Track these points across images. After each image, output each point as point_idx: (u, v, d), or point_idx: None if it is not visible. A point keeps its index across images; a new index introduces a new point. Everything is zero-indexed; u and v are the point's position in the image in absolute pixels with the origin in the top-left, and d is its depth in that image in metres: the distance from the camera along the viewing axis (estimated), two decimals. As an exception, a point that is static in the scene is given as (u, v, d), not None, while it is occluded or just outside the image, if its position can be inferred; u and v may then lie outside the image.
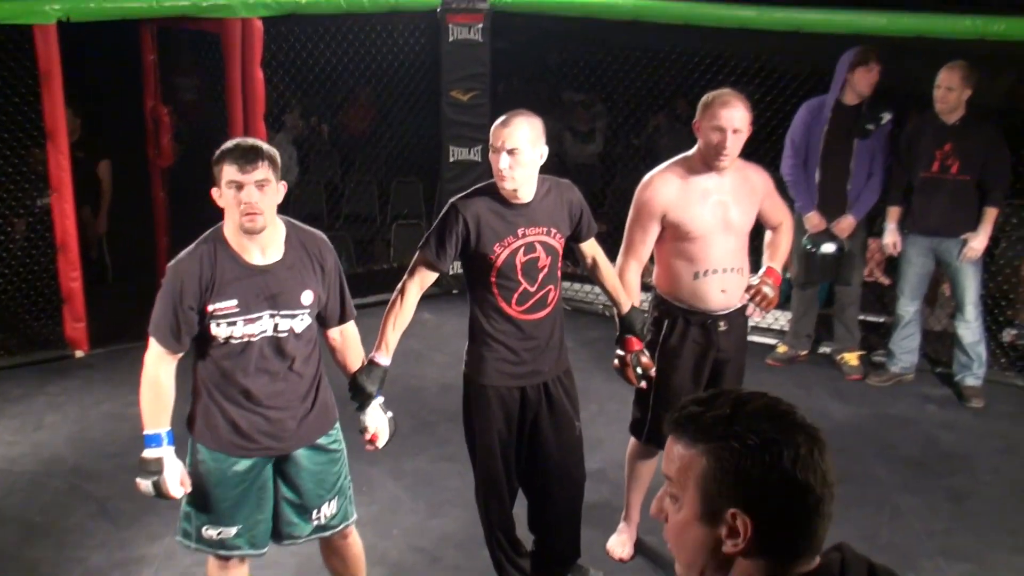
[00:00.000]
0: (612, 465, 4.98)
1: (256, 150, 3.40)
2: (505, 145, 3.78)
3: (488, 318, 3.98)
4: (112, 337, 7.00)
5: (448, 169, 7.85)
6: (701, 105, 4.18)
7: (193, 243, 3.56)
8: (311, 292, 3.58)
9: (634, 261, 4.34)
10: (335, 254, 3.71)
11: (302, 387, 3.65)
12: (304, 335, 3.61)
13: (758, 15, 6.77)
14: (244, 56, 6.82)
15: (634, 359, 4.23)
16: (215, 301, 3.44)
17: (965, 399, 6.31)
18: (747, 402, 1.67)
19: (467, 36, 7.60)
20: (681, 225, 4.21)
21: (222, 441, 3.60)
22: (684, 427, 1.68)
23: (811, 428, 1.65)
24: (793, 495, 1.61)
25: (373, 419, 3.83)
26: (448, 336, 5.86)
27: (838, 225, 6.34)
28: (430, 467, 5.42)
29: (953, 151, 6.02)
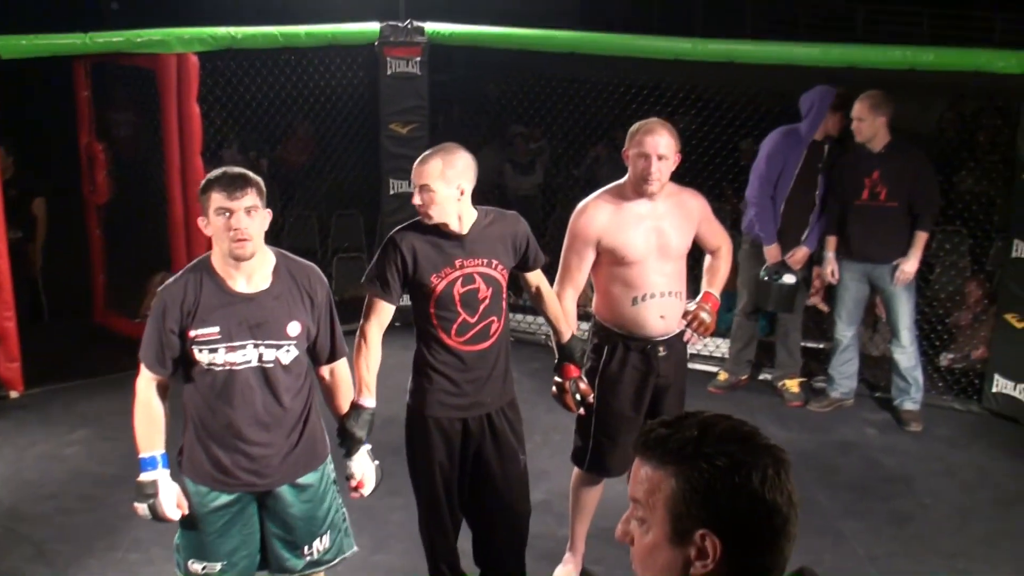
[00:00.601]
0: (557, 496, 4.97)
1: (243, 177, 3.42)
2: (417, 182, 3.84)
3: (430, 349, 3.99)
4: (48, 377, 6.88)
5: (388, 202, 7.84)
6: (629, 134, 4.27)
7: (182, 270, 3.58)
8: (298, 323, 3.55)
9: (570, 288, 4.37)
10: (327, 288, 3.70)
11: (288, 422, 3.61)
12: (292, 368, 3.58)
13: (693, 47, 6.86)
14: (180, 91, 6.78)
15: (572, 386, 4.25)
16: (197, 327, 3.44)
17: (904, 423, 6.39)
18: (714, 424, 1.69)
19: (405, 69, 7.61)
20: (616, 250, 4.25)
21: (203, 474, 3.58)
22: (652, 449, 1.70)
23: (776, 449, 1.68)
24: (761, 516, 1.62)
25: (360, 466, 3.83)
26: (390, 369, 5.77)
27: (793, 256, 6.41)
28: (373, 502, 5.32)
29: (881, 179, 6.13)
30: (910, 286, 6.26)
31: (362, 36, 7.56)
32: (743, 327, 6.86)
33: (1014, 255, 6.21)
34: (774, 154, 6.38)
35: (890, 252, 6.18)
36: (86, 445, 6.03)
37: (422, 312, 3.98)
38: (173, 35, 6.68)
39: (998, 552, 5.11)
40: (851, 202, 6.23)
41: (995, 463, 6.00)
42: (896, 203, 6.13)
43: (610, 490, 4.78)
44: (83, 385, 6.87)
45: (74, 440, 6.16)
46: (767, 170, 6.38)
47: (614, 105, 8.02)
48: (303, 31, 7.19)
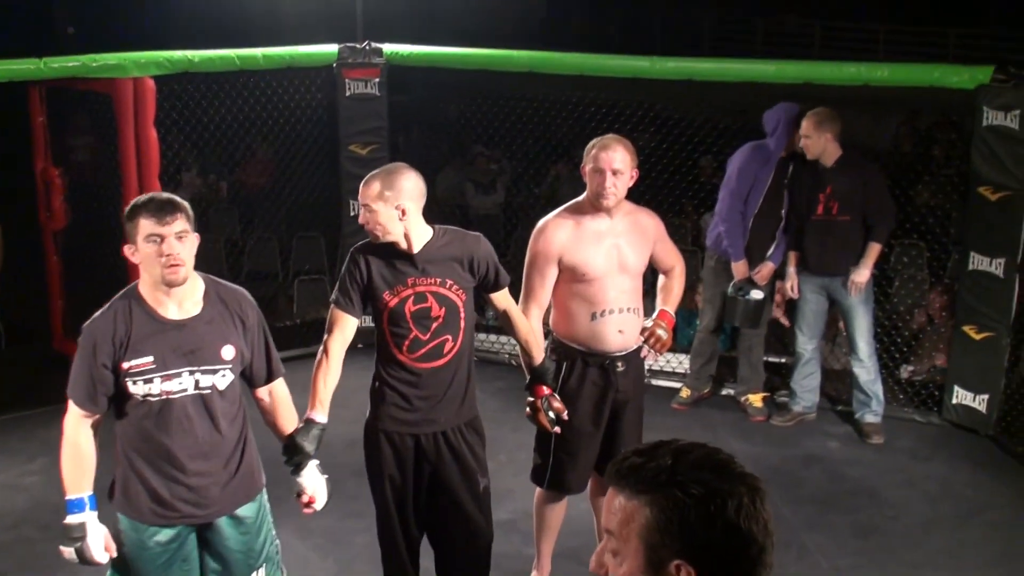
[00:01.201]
0: (522, 515, 4.96)
1: (172, 202, 3.38)
2: (359, 201, 3.92)
3: (384, 364, 4.03)
4: (6, 405, 6.80)
5: (349, 223, 7.81)
6: (585, 151, 4.32)
7: (108, 302, 3.50)
8: (232, 347, 3.52)
9: (535, 307, 4.39)
10: (258, 310, 3.67)
11: (226, 449, 3.57)
12: (228, 394, 3.54)
13: (651, 65, 6.90)
14: (137, 115, 6.73)
15: (545, 404, 4.26)
16: (130, 358, 3.38)
17: (865, 436, 6.43)
18: (688, 452, 1.67)
19: (364, 91, 7.61)
20: (577, 267, 4.28)
21: (142, 510, 3.51)
22: (626, 478, 1.68)
23: (751, 477, 1.67)
24: (737, 545, 1.61)
25: (310, 481, 3.78)
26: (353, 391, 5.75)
27: (759, 272, 6.45)
28: (338, 525, 5.33)
29: (833, 193, 6.20)
30: (867, 299, 6.32)
31: (320, 58, 7.55)
32: (705, 343, 6.88)
33: (971, 267, 6.28)
34: (744, 169, 6.40)
35: (845, 265, 6.25)
36: (46, 474, 5.94)
37: (378, 328, 4.01)
38: (129, 59, 6.64)
39: (961, 562, 5.14)
40: (807, 217, 6.31)
41: (956, 474, 6.05)
42: (849, 217, 6.20)
43: (574, 508, 4.78)
44: (42, 413, 6.76)
45: (34, 469, 6.08)
46: (738, 186, 6.40)
47: (574, 124, 8.05)
48: (260, 54, 7.17)
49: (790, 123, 6.30)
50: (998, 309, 6.21)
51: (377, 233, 3.89)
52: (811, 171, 6.27)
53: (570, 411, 4.39)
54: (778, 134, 6.34)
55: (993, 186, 6.09)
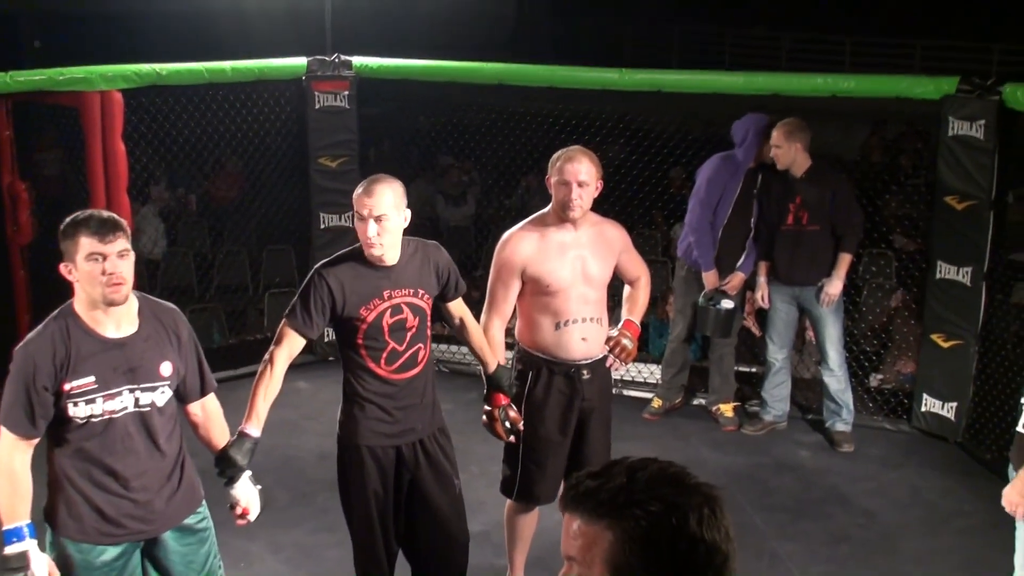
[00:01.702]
0: (494, 527, 4.95)
1: (113, 220, 3.34)
2: (372, 212, 3.82)
3: (359, 379, 3.99)
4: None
5: (319, 236, 7.80)
6: (551, 163, 4.34)
7: (42, 323, 3.43)
8: (170, 363, 3.51)
9: (498, 318, 4.42)
10: (189, 326, 3.65)
11: (167, 466, 3.56)
12: (166, 410, 3.53)
13: (620, 77, 6.93)
14: (105, 129, 6.69)
15: (502, 413, 4.28)
16: (72, 379, 3.33)
17: (836, 444, 6.47)
18: (641, 469, 1.67)
19: (334, 103, 7.60)
20: (541, 279, 4.30)
21: (87, 530, 3.46)
22: (581, 503, 1.67)
23: (707, 487, 1.66)
24: (702, 556, 1.61)
25: (243, 492, 3.76)
26: (324, 404, 5.77)
27: (730, 283, 6.47)
28: (309, 539, 5.31)
29: (803, 203, 6.24)
30: (837, 308, 6.36)
31: (289, 71, 7.54)
32: (677, 353, 6.90)
33: (938, 276, 6.33)
34: (714, 180, 6.43)
35: (815, 275, 6.29)
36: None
37: (350, 343, 3.98)
38: (96, 72, 6.59)
39: (931, 569, 5.17)
40: (777, 227, 6.34)
41: (926, 482, 6.08)
42: (818, 227, 6.24)
43: (547, 519, 4.78)
44: None
45: None
46: (707, 196, 6.43)
47: (544, 135, 8.07)
48: (229, 67, 7.15)
49: (759, 134, 6.33)
50: (965, 317, 6.26)
51: (384, 243, 3.85)
52: (781, 181, 6.31)
53: (537, 420, 4.40)
54: (747, 145, 6.37)
55: (959, 195, 6.15)
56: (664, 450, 6.07)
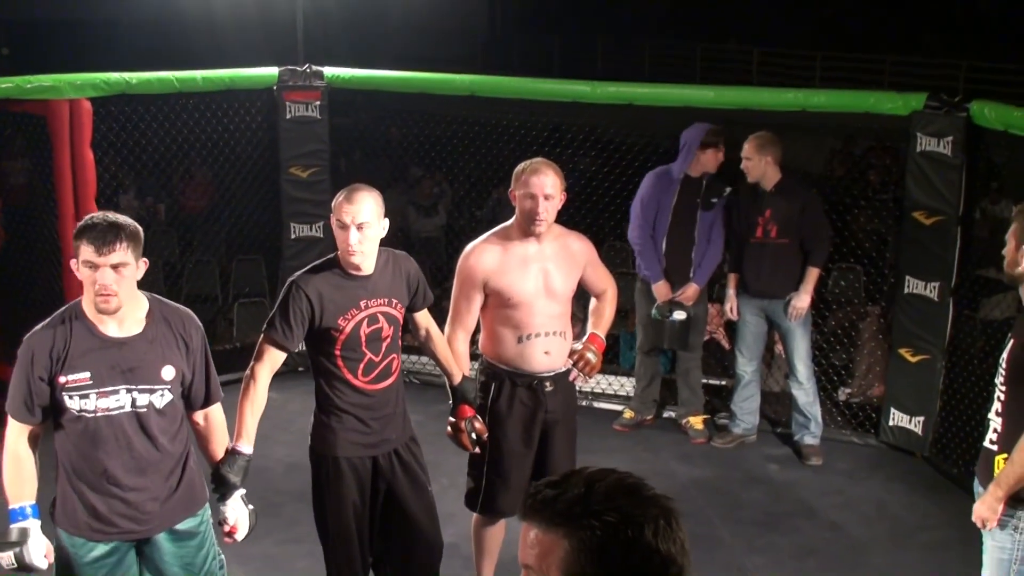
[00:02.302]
0: (464, 539, 4.93)
1: (115, 230, 3.32)
2: (355, 220, 3.82)
3: (335, 390, 3.98)
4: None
5: (290, 246, 7.77)
6: (515, 175, 4.32)
7: (51, 316, 3.49)
8: (172, 368, 3.50)
9: (461, 331, 4.41)
10: (203, 332, 3.66)
11: (165, 466, 3.55)
12: (168, 412, 3.53)
13: (591, 90, 6.95)
14: (73, 137, 6.64)
15: (468, 424, 4.29)
16: (67, 373, 3.37)
17: (804, 458, 6.49)
18: (600, 479, 1.66)
19: (305, 113, 7.58)
20: (503, 292, 4.29)
21: (79, 525, 3.50)
22: (539, 511, 1.66)
23: (663, 499, 1.66)
24: (656, 568, 1.61)
25: (234, 511, 3.77)
26: (293, 415, 5.75)
27: (683, 294, 6.49)
28: (277, 550, 5.27)
29: (772, 217, 6.28)
30: (805, 322, 6.40)
31: (260, 80, 7.51)
32: (644, 364, 6.92)
33: (906, 291, 6.37)
34: (647, 198, 6.51)
35: (783, 288, 6.32)
36: None
37: (326, 354, 3.97)
38: (64, 80, 6.55)
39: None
40: (746, 240, 6.38)
41: (893, 496, 6.12)
42: (787, 240, 6.28)
43: (514, 531, 4.76)
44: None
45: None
46: (642, 212, 6.50)
47: (516, 147, 8.07)
48: (199, 76, 7.12)
49: (694, 144, 6.39)
50: (933, 332, 6.30)
51: (365, 251, 3.86)
52: (750, 194, 6.35)
53: (500, 432, 4.40)
54: (682, 155, 6.45)
55: (927, 211, 6.19)
56: (634, 462, 6.08)
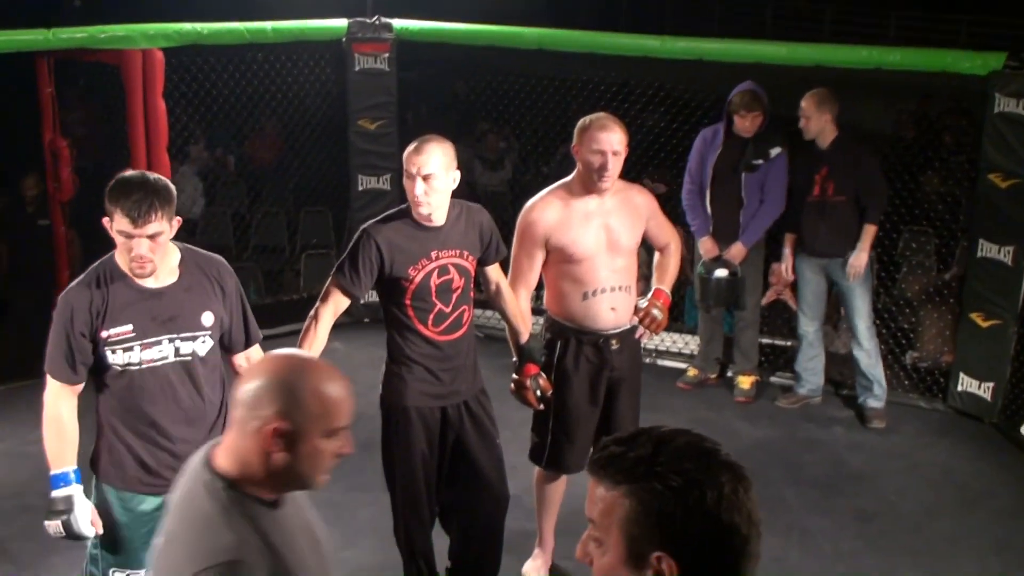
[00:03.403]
0: (525, 491, 4.96)
1: (150, 200, 3.27)
2: (421, 171, 3.81)
3: (406, 340, 3.99)
4: (11, 375, 6.81)
5: (357, 198, 7.81)
6: (578, 130, 4.27)
7: (85, 271, 3.49)
8: (211, 313, 3.52)
9: (523, 288, 4.39)
10: (235, 277, 3.66)
11: (210, 415, 3.58)
12: (209, 360, 3.55)
13: (661, 44, 6.88)
14: (145, 87, 6.71)
15: (533, 382, 4.27)
16: (108, 327, 3.37)
17: (868, 421, 6.43)
18: (669, 441, 1.64)
19: (373, 65, 7.59)
20: (565, 248, 4.26)
21: (128, 479, 3.51)
22: (605, 468, 1.65)
23: (736, 466, 1.63)
24: (718, 537, 1.59)
25: None
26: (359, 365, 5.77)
27: (728, 252, 6.44)
28: (343, 497, 5.34)
29: (828, 174, 6.20)
30: (865, 282, 6.32)
31: (329, 32, 7.52)
32: (705, 322, 6.92)
33: (979, 255, 6.26)
34: (694, 155, 6.53)
35: (841, 246, 6.26)
36: (50, 443, 5.96)
37: (397, 304, 3.97)
38: (137, 31, 6.61)
39: (961, 549, 5.15)
40: (804, 198, 6.31)
41: (959, 461, 6.05)
42: (844, 197, 6.20)
43: (577, 486, 4.78)
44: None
45: (37, 438, 5.99)
46: (690, 167, 6.53)
47: (582, 102, 8.02)
48: (269, 27, 7.14)
49: (726, 106, 6.35)
50: (1006, 297, 6.19)
51: (431, 202, 3.85)
52: (807, 152, 6.27)
53: (565, 390, 4.39)
54: (725, 112, 6.38)
55: (1003, 173, 6.07)
56: (696, 421, 6.06)
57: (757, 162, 6.32)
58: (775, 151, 6.32)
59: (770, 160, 6.33)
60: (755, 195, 6.40)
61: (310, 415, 2.10)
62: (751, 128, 6.30)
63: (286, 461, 2.11)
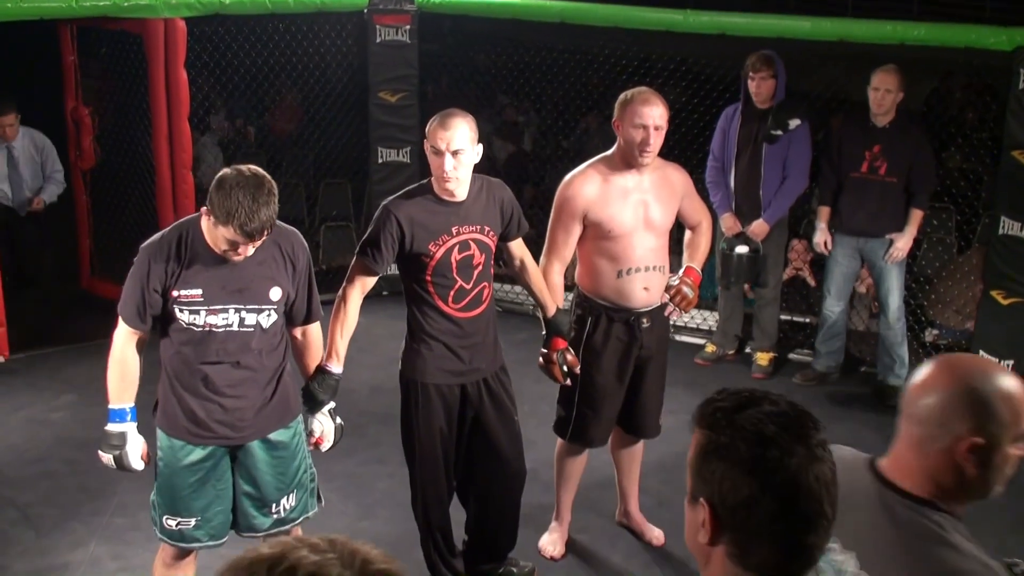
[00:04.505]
0: (543, 465, 4.99)
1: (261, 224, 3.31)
2: (450, 147, 3.78)
3: (426, 317, 3.98)
4: (34, 342, 6.87)
5: (377, 171, 7.82)
6: (620, 104, 4.22)
7: (169, 226, 3.57)
8: (280, 288, 3.57)
9: (557, 262, 4.36)
10: (308, 253, 3.72)
11: (263, 377, 3.64)
12: (271, 330, 3.61)
13: (684, 18, 6.84)
14: (167, 56, 6.73)
15: (560, 357, 4.25)
16: (180, 288, 3.45)
17: (887, 398, 6.40)
18: (763, 405, 1.65)
19: (395, 37, 7.58)
20: (603, 224, 4.23)
21: (178, 428, 3.60)
22: (700, 410, 1.70)
23: (819, 449, 1.62)
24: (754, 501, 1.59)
25: (320, 423, 3.87)
26: (378, 338, 5.83)
27: (750, 228, 6.42)
28: (360, 469, 5.38)
29: (882, 153, 6.11)
30: (901, 263, 6.28)
31: (351, 3, 7.51)
32: (725, 298, 6.91)
33: (1001, 232, 6.23)
34: (717, 129, 6.53)
35: (882, 226, 6.19)
36: (72, 410, 6.03)
37: (417, 280, 3.97)
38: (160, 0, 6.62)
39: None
40: (847, 173, 6.22)
41: (978, 439, 6.02)
42: (895, 179, 6.12)
43: (595, 459, 4.81)
44: (69, 350, 6.85)
45: (60, 405, 6.15)
46: (714, 142, 6.52)
47: (604, 76, 8.00)
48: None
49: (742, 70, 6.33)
50: (1027, 275, 6.16)
51: (460, 177, 3.84)
52: (859, 127, 6.20)
53: (594, 366, 4.39)
54: (743, 84, 6.35)
55: (1027, 150, 6.02)
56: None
57: (777, 132, 6.27)
58: (795, 122, 6.28)
59: (790, 131, 6.28)
60: (775, 169, 6.36)
61: (1002, 424, 2.00)
62: (762, 91, 6.26)
63: (978, 475, 2.05)
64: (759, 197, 6.40)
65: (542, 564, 4.63)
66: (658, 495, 5.16)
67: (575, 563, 4.72)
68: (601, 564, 4.73)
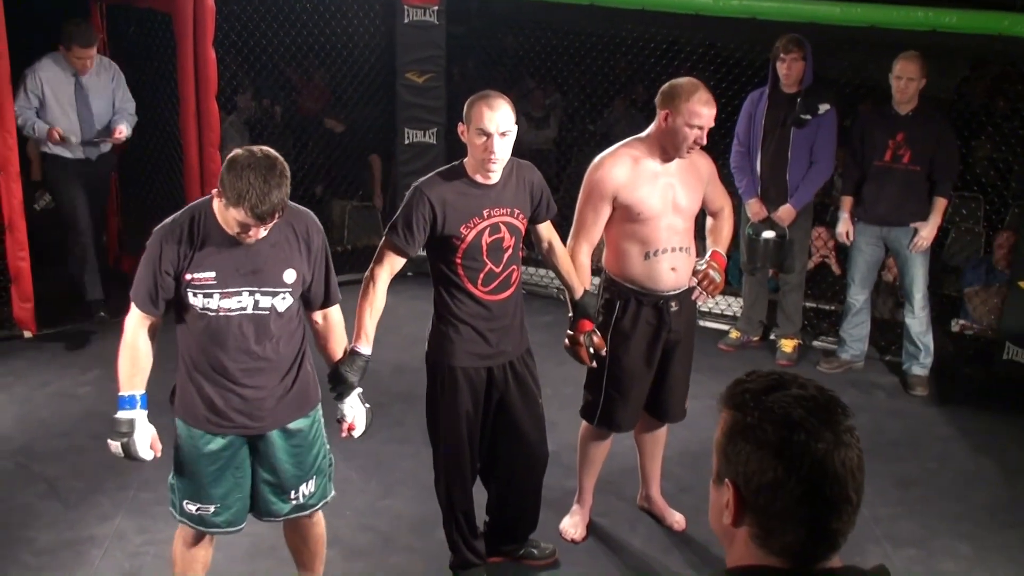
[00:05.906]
0: (565, 448, 4.99)
1: (272, 205, 3.26)
2: (499, 129, 3.74)
3: (454, 299, 3.97)
4: (62, 318, 6.92)
5: (403, 151, 7.82)
6: (673, 95, 4.14)
7: (181, 209, 3.53)
8: (294, 271, 3.53)
9: (585, 243, 4.34)
10: (323, 234, 3.66)
11: (282, 366, 3.61)
12: (286, 314, 3.57)
13: (714, 2, 6.79)
14: (196, 35, 6.75)
15: (587, 339, 4.23)
16: (193, 271, 3.41)
17: (911, 387, 6.39)
18: (790, 388, 1.65)
19: (423, 18, 7.57)
20: (632, 206, 4.22)
21: (197, 418, 3.58)
22: (729, 389, 1.70)
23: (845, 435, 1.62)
24: (779, 484, 1.59)
25: (351, 409, 3.82)
26: (402, 318, 5.83)
27: (777, 213, 6.39)
28: (382, 448, 5.40)
29: (905, 141, 6.08)
30: (926, 252, 6.24)
31: (380, -17, 7.52)
32: (749, 284, 6.89)
33: (1030, 221, 6.19)
34: (743, 113, 6.50)
35: (906, 215, 6.15)
36: (98, 385, 6.07)
37: (447, 262, 3.94)
38: (190, -23, 6.64)
39: (1002, 518, 5.12)
40: (871, 162, 6.19)
41: (1002, 430, 6.00)
42: (919, 167, 6.08)
43: (619, 444, 4.81)
44: (96, 327, 6.90)
45: (87, 380, 6.20)
46: (739, 127, 6.50)
47: (632, 60, 7.96)
48: (321, -24, 7.15)
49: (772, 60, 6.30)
50: (1056, 265, 6.11)
51: (503, 159, 3.82)
52: (882, 115, 6.16)
53: (622, 350, 4.38)
54: (771, 69, 6.32)
55: (1058, 139, 5.97)
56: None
57: (806, 116, 6.24)
58: (824, 107, 6.24)
59: (819, 115, 6.25)
60: (802, 154, 6.33)
61: None
62: (792, 73, 6.24)
63: None
64: (786, 182, 6.37)
65: (563, 546, 4.64)
66: (680, 481, 5.16)
67: (595, 546, 4.73)
68: (621, 548, 4.74)
